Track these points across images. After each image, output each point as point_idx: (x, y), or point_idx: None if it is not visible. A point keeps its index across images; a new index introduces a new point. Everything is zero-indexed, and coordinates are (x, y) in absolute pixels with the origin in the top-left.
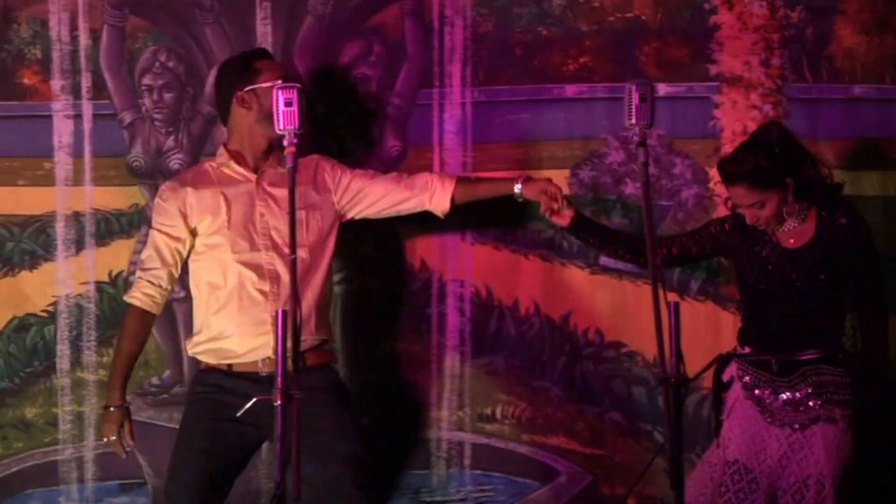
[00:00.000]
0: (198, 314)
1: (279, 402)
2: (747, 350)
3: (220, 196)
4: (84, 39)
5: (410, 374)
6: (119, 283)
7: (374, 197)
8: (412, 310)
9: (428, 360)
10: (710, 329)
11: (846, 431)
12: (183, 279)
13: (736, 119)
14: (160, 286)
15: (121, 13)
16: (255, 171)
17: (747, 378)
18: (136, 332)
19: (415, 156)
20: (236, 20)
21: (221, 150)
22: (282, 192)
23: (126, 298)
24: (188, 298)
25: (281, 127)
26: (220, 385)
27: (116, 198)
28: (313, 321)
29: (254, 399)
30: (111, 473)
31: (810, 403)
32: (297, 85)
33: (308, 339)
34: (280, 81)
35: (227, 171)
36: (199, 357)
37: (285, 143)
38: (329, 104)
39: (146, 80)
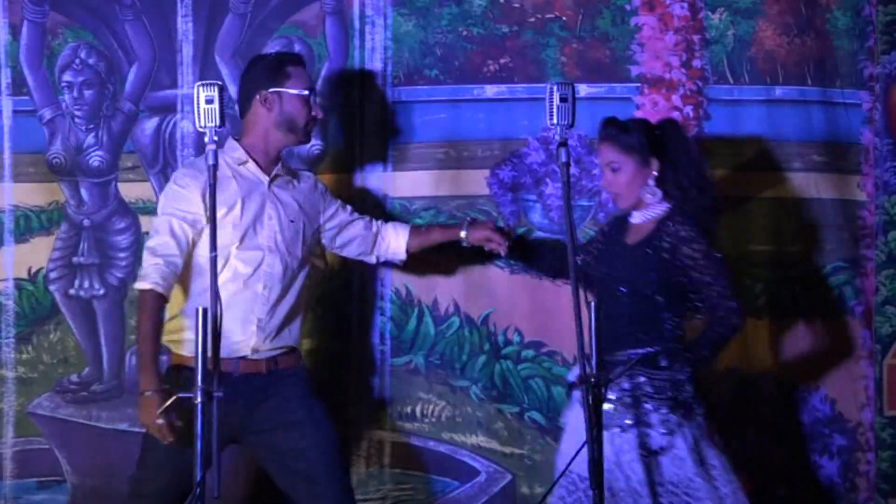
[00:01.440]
0: (179, 299)
1: (199, 401)
2: None
3: (237, 191)
4: (3, 35)
5: (331, 372)
6: (38, 280)
7: (346, 237)
8: (332, 308)
9: (348, 358)
10: None
11: (667, 433)
12: (105, 278)
13: (657, 119)
14: (175, 272)
15: (41, 9)
16: (266, 172)
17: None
18: (159, 316)
19: (336, 155)
20: (157, 17)
21: (235, 144)
22: (289, 199)
23: (140, 285)
24: (108, 296)
25: (201, 124)
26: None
27: (36, 194)
28: (294, 327)
29: (174, 396)
30: (29, 471)
31: (628, 403)
32: (219, 83)
33: (285, 344)
34: (306, 92)
35: (241, 167)
36: (172, 346)
37: (206, 140)
38: None
39: (66, 77)
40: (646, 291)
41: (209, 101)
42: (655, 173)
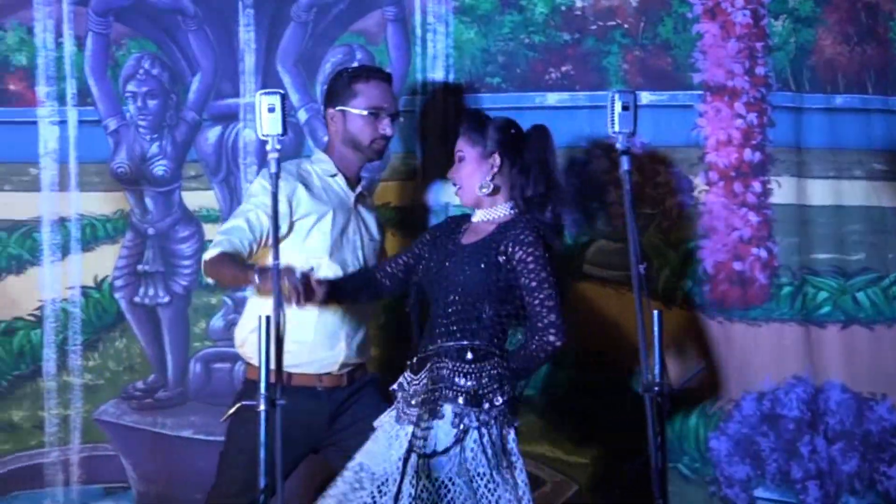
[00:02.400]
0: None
1: (262, 409)
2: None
3: (328, 201)
4: (69, 46)
5: (394, 379)
6: (104, 288)
7: None
8: (395, 317)
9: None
10: (696, 338)
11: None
12: (170, 286)
13: (720, 127)
14: (240, 252)
15: (105, 20)
16: (352, 188)
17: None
18: (236, 263)
19: (398, 162)
20: (220, 27)
21: (325, 156)
22: (370, 218)
23: (206, 255)
24: (172, 303)
25: (264, 133)
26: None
27: (102, 203)
28: (368, 340)
29: (238, 404)
30: (96, 477)
31: (422, 397)
32: (280, 91)
33: (365, 358)
34: (365, 112)
35: (331, 179)
36: (252, 360)
37: (268, 148)
38: (313, 111)
39: (131, 87)
40: (472, 289)
41: (271, 110)
42: (494, 169)
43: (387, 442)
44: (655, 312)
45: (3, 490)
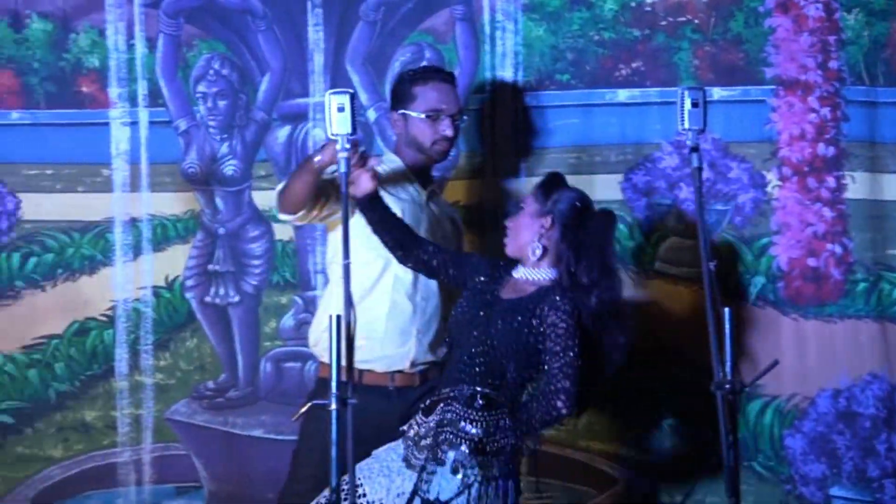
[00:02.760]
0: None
1: (334, 407)
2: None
3: (398, 201)
4: (140, 48)
5: None
6: (175, 288)
7: None
8: None
9: None
10: (771, 336)
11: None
12: (240, 285)
13: (793, 122)
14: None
15: (176, 22)
16: (423, 186)
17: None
18: None
19: (469, 161)
20: (288, 27)
21: (394, 156)
22: (443, 217)
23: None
24: (242, 303)
25: (333, 132)
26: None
27: (172, 204)
28: (440, 339)
29: (309, 403)
30: (168, 476)
31: (428, 440)
32: (350, 91)
33: (436, 357)
34: (423, 116)
35: (400, 177)
36: (324, 358)
37: (337, 147)
38: (382, 110)
39: (201, 88)
40: (501, 346)
41: (340, 109)
42: (543, 230)
43: (390, 479)
44: (726, 310)
45: (77, 490)
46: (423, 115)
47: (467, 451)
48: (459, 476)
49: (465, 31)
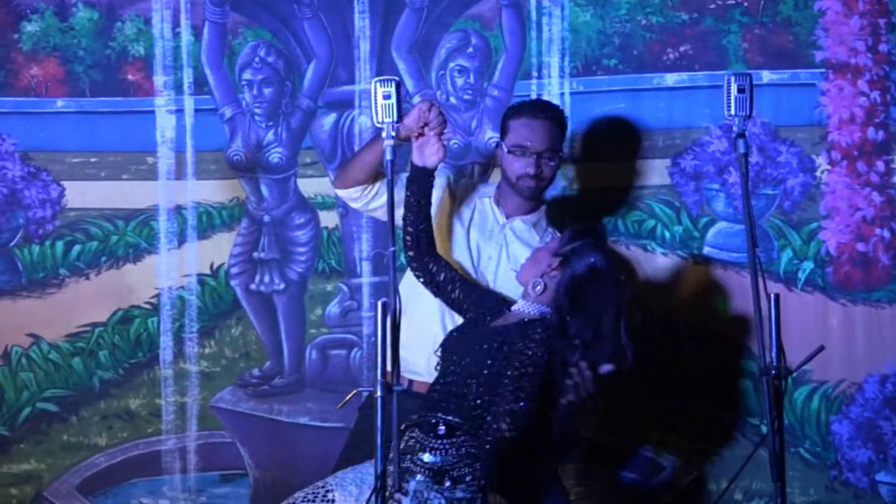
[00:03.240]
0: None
1: (379, 395)
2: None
3: (469, 217)
4: (186, 36)
5: None
6: (220, 276)
7: None
8: None
9: None
10: (819, 321)
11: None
12: (285, 273)
13: (843, 105)
14: None
15: (222, 10)
16: (507, 212)
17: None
18: None
19: None
20: (335, 14)
21: (495, 182)
22: (520, 249)
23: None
24: (288, 290)
25: (379, 120)
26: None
27: (217, 191)
28: None
29: (355, 391)
30: (212, 464)
31: (454, 477)
32: (396, 78)
33: None
34: (506, 151)
35: (486, 201)
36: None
37: (383, 135)
38: (427, 97)
39: (246, 76)
40: (472, 366)
41: (386, 97)
42: (549, 267)
43: (360, 491)
44: (773, 295)
45: (121, 478)
46: (507, 150)
47: (424, 479)
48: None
49: (511, 17)
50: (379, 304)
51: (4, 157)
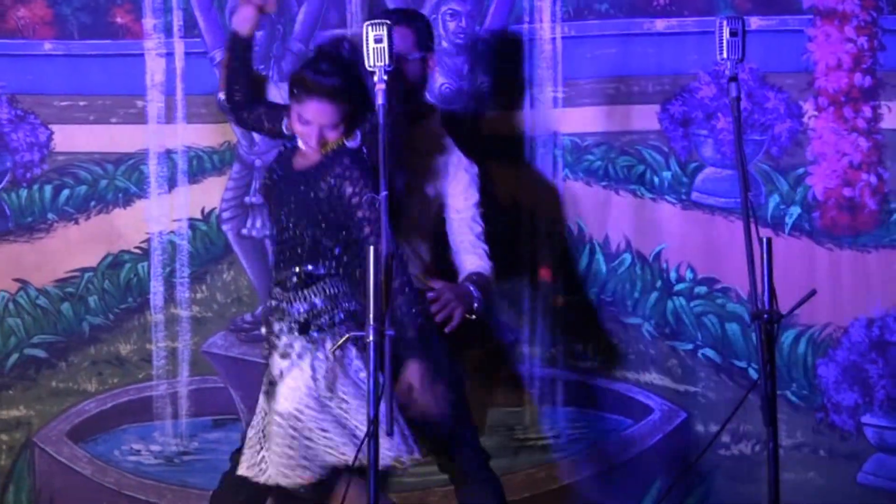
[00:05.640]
0: None
1: (371, 339)
2: None
3: None
4: None
5: (502, 311)
6: (212, 221)
7: None
8: (505, 248)
9: (519, 296)
10: (805, 265)
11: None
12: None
13: (830, 52)
14: None
15: None
16: None
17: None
18: None
19: (505, 93)
20: None
21: None
22: None
23: None
24: None
25: (371, 64)
26: None
27: (208, 135)
28: None
29: (347, 336)
30: (205, 409)
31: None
32: (387, 22)
33: None
34: None
35: None
36: None
37: (374, 79)
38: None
39: None
40: (298, 219)
41: (378, 40)
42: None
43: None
44: (764, 239)
45: (113, 424)
46: None
47: (294, 333)
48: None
49: None
50: (371, 249)
51: None
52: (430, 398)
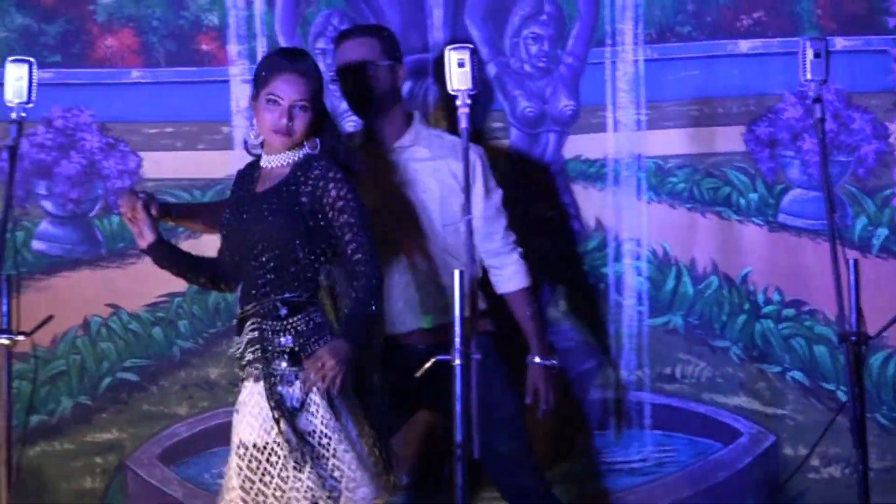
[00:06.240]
0: None
1: (458, 363)
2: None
3: None
4: (259, 5)
5: (588, 334)
6: None
7: None
8: (588, 269)
9: (605, 320)
10: (893, 287)
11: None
12: None
13: None
14: None
15: None
16: None
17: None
18: None
19: (587, 115)
20: None
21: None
22: None
23: None
24: None
25: (453, 88)
26: None
27: None
28: None
29: (432, 360)
30: None
31: (248, 358)
32: (470, 46)
33: None
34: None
35: None
36: None
37: (458, 103)
38: (501, 65)
39: (320, 44)
40: (279, 238)
41: (461, 65)
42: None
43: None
44: (851, 261)
45: (203, 447)
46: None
47: (285, 364)
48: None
49: None
50: (455, 272)
51: (83, 128)
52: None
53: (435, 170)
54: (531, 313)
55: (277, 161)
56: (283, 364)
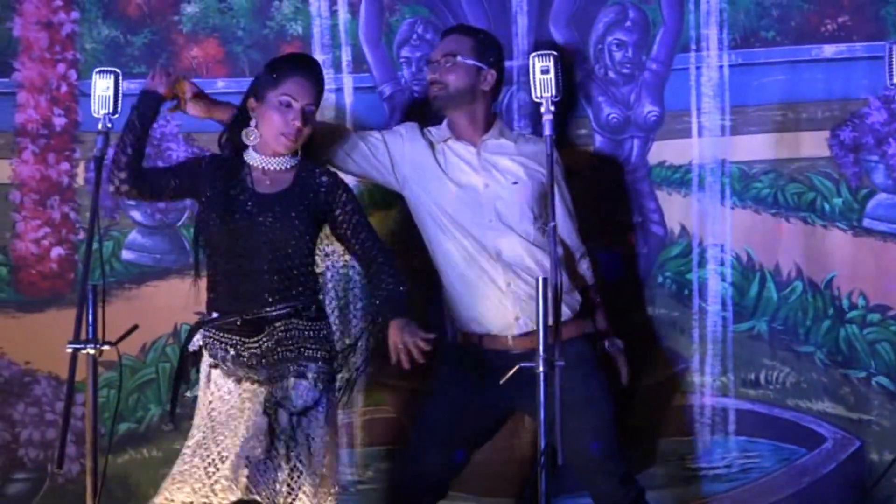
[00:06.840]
0: None
1: (541, 370)
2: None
3: None
4: (343, 14)
5: (672, 339)
6: None
7: None
8: (673, 276)
9: (689, 325)
10: None
11: (321, 387)
12: None
13: None
14: None
15: None
16: None
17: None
18: None
19: (672, 121)
20: None
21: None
22: None
23: None
24: None
25: (538, 95)
26: None
27: None
28: None
29: (516, 367)
30: (376, 439)
31: (277, 357)
32: (554, 53)
33: None
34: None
35: None
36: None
37: (542, 110)
38: (585, 71)
39: (405, 53)
40: (295, 242)
41: (545, 72)
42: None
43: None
44: None
45: None
46: None
47: (323, 363)
48: (320, 387)
49: None
50: (539, 279)
51: (169, 138)
52: None
53: (523, 165)
54: (600, 300)
55: (276, 164)
56: (321, 363)
